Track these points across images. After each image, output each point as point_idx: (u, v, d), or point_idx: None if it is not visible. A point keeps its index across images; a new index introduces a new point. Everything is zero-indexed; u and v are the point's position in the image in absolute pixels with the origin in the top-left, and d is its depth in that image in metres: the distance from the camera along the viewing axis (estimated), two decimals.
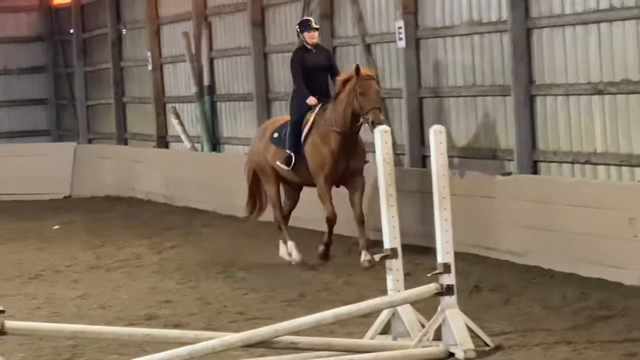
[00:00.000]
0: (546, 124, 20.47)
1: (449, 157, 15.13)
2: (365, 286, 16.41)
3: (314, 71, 15.46)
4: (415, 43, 21.62)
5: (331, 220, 15.44)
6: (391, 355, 12.60)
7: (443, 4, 20.55)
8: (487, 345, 12.69)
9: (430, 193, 13.45)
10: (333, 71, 16.01)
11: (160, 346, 12.45)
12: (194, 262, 21.67)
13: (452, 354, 12.35)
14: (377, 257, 13.89)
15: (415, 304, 13.22)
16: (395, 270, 13.21)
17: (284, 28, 28.25)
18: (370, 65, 15.75)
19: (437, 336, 12.63)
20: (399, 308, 13.03)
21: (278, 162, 15.55)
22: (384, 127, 14.62)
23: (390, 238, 13.28)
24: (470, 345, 12.31)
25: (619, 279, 16.19)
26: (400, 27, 21.03)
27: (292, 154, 15.10)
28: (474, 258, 18.34)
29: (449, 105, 22.02)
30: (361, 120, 14.66)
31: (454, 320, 12.47)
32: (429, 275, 13.23)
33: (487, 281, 16.68)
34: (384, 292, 13.63)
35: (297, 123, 15.30)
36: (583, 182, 18.90)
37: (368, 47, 24.54)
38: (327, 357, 12.63)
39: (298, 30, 15.83)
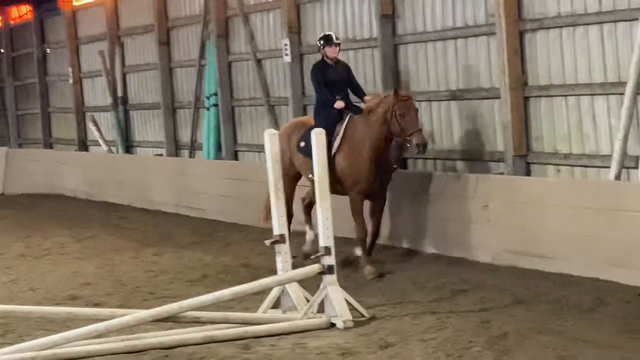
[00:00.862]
0: None
1: None
2: (260, 268, 16.33)
3: (334, 85, 14.00)
4: (299, 58, 21.78)
5: (363, 240, 14.08)
6: (281, 327, 12.68)
7: (322, 24, 20.53)
8: (363, 316, 12.87)
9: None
10: (353, 86, 14.59)
11: (82, 322, 12.47)
12: (110, 249, 21.37)
13: (333, 324, 12.56)
14: (267, 242, 13.79)
15: (302, 282, 13.40)
16: (284, 254, 13.40)
17: (186, 46, 28.45)
18: (405, 85, 14.92)
19: (321, 309, 12.86)
20: (287, 286, 13.28)
21: (310, 176, 13.75)
22: (272, 131, 14.52)
23: (279, 225, 13.49)
24: (348, 316, 12.53)
25: (476, 257, 16.45)
26: (286, 44, 21.15)
27: None
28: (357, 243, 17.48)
29: None
30: (397, 140, 13.34)
31: (335, 295, 12.70)
32: (312, 257, 13.68)
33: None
34: (275, 272, 13.71)
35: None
36: (442, 175, 18.94)
37: (259, 62, 24.75)
38: (225, 328, 12.74)
39: (320, 44, 14.44)
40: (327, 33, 14.38)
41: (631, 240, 13.92)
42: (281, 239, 13.41)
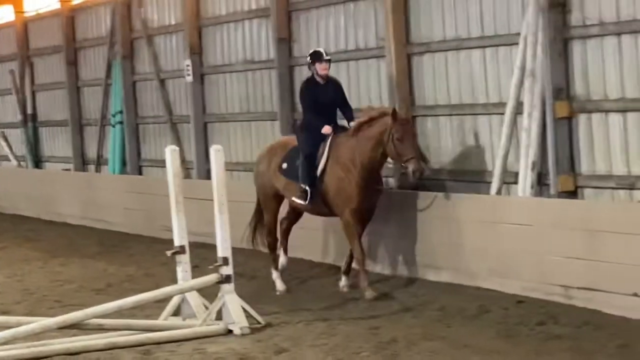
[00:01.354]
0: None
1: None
2: (162, 277, 15.93)
3: (324, 106, 12.75)
4: (200, 78, 21.74)
5: (362, 262, 12.61)
6: (181, 333, 12.55)
7: (222, 47, 20.64)
8: (259, 323, 12.76)
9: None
10: (342, 107, 13.13)
11: None
12: (20, 259, 20.85)
13: (230, 331, 12.50)
14: (168, 252, 13.48)
15: (201, 290, 13.27)
16: (183, 263, 13.24)
17: (93, 66, 28.14)
18: (404, 106, 13.69)
19: (219, 316, 12.75)
20: (187, 294, 13.11)
21: (294, 198, 13.04)
22: (173, 147, 14.24)
23: (179, 237, 13.30)
24: (245, 323, 12.48)
25: (367, 267, 15.62)
26: (188, 65, 20.98)
27: (307, 188, 12.55)
28: (255, 253, 17.45)
29: (228, 128, 22.13)
30: (393, 164, 12.57)
31: (232, 303, 12.64)
32: (210, 267, 13.24)
33: (264, 271, 16.29)
34: (175, 282, 13.51)
35: (310, 156, 12.58)
36: None
37: (162, 82, 24.61)
38: (128, 335, 12.55)
39: (309, 61, 13.02)
40: (316, 49, 13.32)
41: (510, 251, 14.07)
42: (181, 250, 13.22)
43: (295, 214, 13.26)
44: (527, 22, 14.64)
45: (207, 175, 20.81)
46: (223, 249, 12.82)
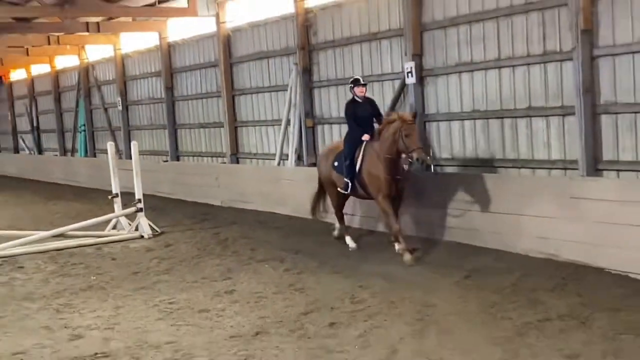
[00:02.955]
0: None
1: None
2: (108, 210, 15.00)
3: (363, 118, 10.84)
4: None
5: (397, 234, 10.61)
6: (116, 237, 13.74)
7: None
8: (157, 231, 13.92)
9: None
10: (378, 117, 11.05)
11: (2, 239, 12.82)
12: (26, 202, 20.64)
13: (142, 236, 13.72)
14: (109, 197, 14.16)
15: (127, 216, 14.27)
16: (118, 203, 14.21)
17: (69, 101, 27.18)
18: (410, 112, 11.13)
19: (136, 229, 13.87)
20: (120, 218, 14.28)
21: (339, 188, 11.35)
22: (110, 142, 14.99)
23: (115, 188, 14.04)
24: (150, 232, 13.73)
25: (212, 202, 17.11)
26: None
27: (349, 181, 10.88)
28: (177, 201, 18.08)
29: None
30: (405, 156, 10.13)
31: (143, 221, 13.90)
32: (133, 203, 14.03)
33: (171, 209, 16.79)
34: (114, 211, 14.28)
35: (351, 156, 10.83)
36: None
37: (106, 110, 23.89)
38: (89, 238, 13.54)
39: (351, 86, 10.94)
40: (356, 77, 11.43)
41: (286, 193, 14.94)
42: (116, 195, 14.18)
43: (345, 196, 11.64)
44: (292, 78, 15.68)
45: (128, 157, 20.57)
46: (138, 194, 13.97)
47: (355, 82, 11.07)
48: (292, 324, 7.85)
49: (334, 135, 15.07)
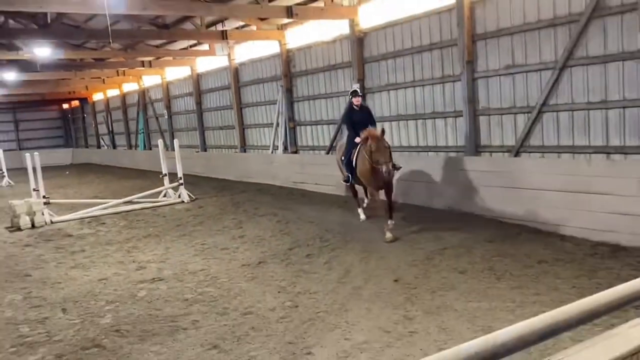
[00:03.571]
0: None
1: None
2: (160, 185, 14.48)
3: (359, 124, 8.79)
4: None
5: (375, 199, 8.67)
6: (167, 203, 13.20)
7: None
8: (193, 198, 13.49)
9: None
10: (371, 124, 8.92)
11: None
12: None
13: (183, 201, 13.32)
14: (160, 176, 13.54)
15: (174, 189, 13.67)
16: (166, 179, 13.53)
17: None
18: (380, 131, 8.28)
19: (179, 197, 13.37)
20: (169, 190, 13.59)
21: (341, 180, 9.57)
22: (160, 140, 14.22)
23: (164, 170, 13.47)
24: (188, 198, 13.36)
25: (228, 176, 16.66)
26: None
27: (349, 175, 9.09)
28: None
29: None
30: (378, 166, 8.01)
31: (183, 192, 13.45)
32: (176, 179, 13.39)
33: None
34: (164, 185, 13.69)
35: (348, 156, 9.04)
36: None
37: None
38: (147, 203, 13.06)
39: (350, 96, 9.07)
40: (354, 88, 9.79)
41: (276, 171, 14.20)
42: (165, 175, 13.41)
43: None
44: (279, 96, 15.12)
45: (172, 150, 18.12)
46: (179, 174, 13.54)
47: (354, 94, 9.02)
48: (281, 255, 7.78)
49: (308, 133, 14.72)
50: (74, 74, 20.88)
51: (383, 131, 8.28)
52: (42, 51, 14.56)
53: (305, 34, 14.10)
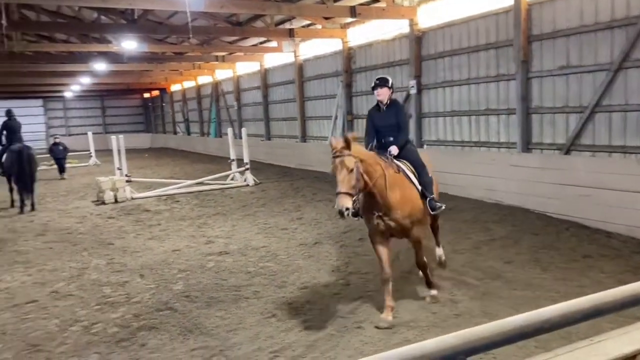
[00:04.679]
0: None
1: None
2: (228, 169, 14.59)
3: (379, 131, 5.33)
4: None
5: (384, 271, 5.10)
6: (234, 185, 13.29)
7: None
8: (257, 182, 13.38)
9: None
10: (399, 128, 5.37)
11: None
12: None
13: (248, 184, 13.22)
14: (228, 161, 14.01)
15: (240, 172, 13.87)
16: (233, 164, 13.79)
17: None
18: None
19: (245, 180, 13.37)
20: (236, 174, 13.80)
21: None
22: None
23: (232, 156, 13.76)
24: (253, 182, 13.26)
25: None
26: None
27: None
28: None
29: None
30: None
31: (249, 176, 13.46)
32: (243, 164, 13.62)
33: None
34: (231, 169, 14.15)
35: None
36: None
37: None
38: (203, 186, 13.12)
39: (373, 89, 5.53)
40: (379, 76, 5.63)
41: (307, 158, 13.72)
42: (233, 160, 13.76)
43: None
44: (339, 90, 14.93)
45: (240, 138, 15.61)
46: (246, 160, 13.76)
47: (374, 84, 5.57)
48: (336, 238, 7.85)
49: (364, 125, 14.58)
50: (155, 65, 21.32)
51: (348, 139, 4.60)
52: (129, 44, 15.04)
53: (366, 32, 14.06)
